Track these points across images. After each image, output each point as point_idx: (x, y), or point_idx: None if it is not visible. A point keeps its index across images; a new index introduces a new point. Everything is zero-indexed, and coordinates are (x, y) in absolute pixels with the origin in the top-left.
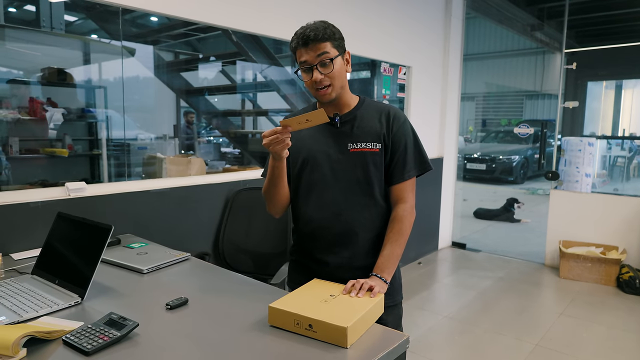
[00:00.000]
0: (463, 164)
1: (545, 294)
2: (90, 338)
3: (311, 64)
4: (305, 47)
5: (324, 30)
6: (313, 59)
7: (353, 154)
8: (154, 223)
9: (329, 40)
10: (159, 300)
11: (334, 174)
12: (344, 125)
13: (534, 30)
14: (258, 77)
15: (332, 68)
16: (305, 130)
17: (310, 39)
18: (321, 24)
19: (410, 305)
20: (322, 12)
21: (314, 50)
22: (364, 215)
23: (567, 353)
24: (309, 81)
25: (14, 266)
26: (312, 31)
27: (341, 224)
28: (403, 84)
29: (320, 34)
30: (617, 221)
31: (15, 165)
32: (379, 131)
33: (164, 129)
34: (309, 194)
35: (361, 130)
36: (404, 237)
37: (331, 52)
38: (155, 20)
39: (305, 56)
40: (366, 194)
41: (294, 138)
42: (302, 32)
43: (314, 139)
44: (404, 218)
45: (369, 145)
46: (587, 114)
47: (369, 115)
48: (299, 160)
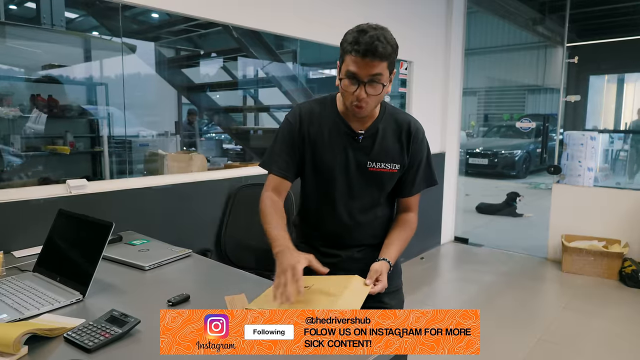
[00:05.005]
0: (465, 159)
1: (548, 288)
2: (91, 335)
3: (361, 79)
4: (362, 58)
5: (386, 47)
6: (364, 76)
7: (371, 173)
8: (156, 220)
9: (387, 60)
10: (161, 297)
11: (349, 191)
12: (365, 140)
13: (536, 24)
14: (259, 73)
15: (380, 91)
16: (325, 134)
17: (370, 52)
18: (383, 35)
19: (413, 300)
20: (323, 7)
21: (370, 67)
22: (374, 225)
23: (569, 346)
24: (350, 93)
25: (15, 264)
26: (375, 42)
27: (352, 236)
28: (405, 79)
29: (383, 50)
30: (620, 215)
31: (17, 162)
32: (399, 150)
33: (166, 125)
34: (322, 204)
35: (382, 148)
36: (409, 239)
37: (384, 74)
38: (156, 17)
39: (357, 69)
40: (379, 208)
41: (311, 139)
42: (365, 39)
43: (333, 148)
44: (414, 225)
45: (388, 165)
46: (589, 108)
47: (390, 129)
48: (314, 165)
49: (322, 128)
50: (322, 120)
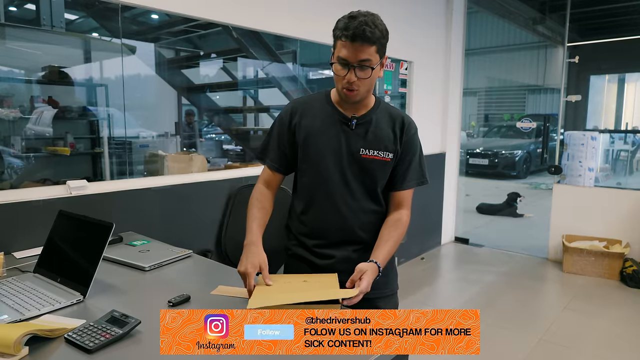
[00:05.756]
0: (465, 159)
1: (549, 288)
2: (92, 336)
3: (350, 63)
4: (352, 43)
5: (374, 31)
6: (354, 60)
7: (365, 160)
8: (156, 220)
9: (375, 44)
10: (161, 297)
11: (342, 179)
12: (359, 127)
13: (536, 24)
14: (259, 74)
15: (369, 75)
16: (318, 124)
17: (358, 37)
18: (372, 21)
19: (413, 301)
20: (322, 8)
21: (358, 51)
22: (369, 219)
23: (570, 347)
24: (341, 77)
25: (15, 264)
26: (363, 27)
27: (344, 229)
28: (405, 79)
29: (370, 34)
30: (621, 215)
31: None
32: (392, 139)
33: (166, 126)
34: (317, 196)
35: (375, 136)
36: (401, 239)
37: (374, 58)
38: (156, 18)
39: (347, 53)
40: (373, 199)
41: (304, 130)
42: (354, 24)
43: (326, 136)
44: (406, 223)
45: (381, 153)
46: (589, 108)
47: (383, 120)
48: (307, 156)
49: (315, 118)
50: (315, 112)
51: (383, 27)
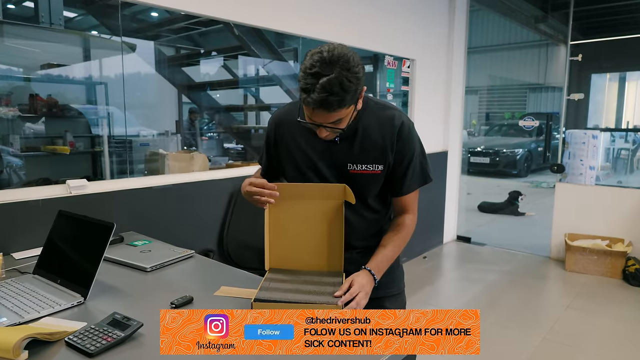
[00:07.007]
0: (467, 158)
1: (551, 287)
2: (93, 339)
3: (320, 124)
4: (318, 110)
5: (342, 96)
6: (324, 122)
7: (353, 175)
8: (157, 220)
9: (346, 106)
10: (164, 299)
11: None
12: (344, 140)
13: (538, 23)
14: (260, 72)
15: (345, 124)
16: (302, 142)
17: (324, 109)
18: (338, 82)
19: (416, 300)
20: (325, 5)
21: (327, 117)
22: (364, 225)
23: (573, 345)
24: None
25: (15, 266)
26: (327, 97)
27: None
28: (407, 77)
29: (338, 102)
30: (623, 213)
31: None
32: (382, 148)
33: (166, 125)
34: None
35: (362, 149)
36: (404, 244)
37: (346, 113)
38: (156, 15)
39: (315, 118)
40: (363, 208)
41: (288, 147)
42: (316, 92)
43: (312, 152)
44: (411, 227)
45: (370, 167)
46: (590, 107)
47: (371, 127)
48: (294, 172)
49: (297, 134)
50: (298, 127)
51: (354, 80)
